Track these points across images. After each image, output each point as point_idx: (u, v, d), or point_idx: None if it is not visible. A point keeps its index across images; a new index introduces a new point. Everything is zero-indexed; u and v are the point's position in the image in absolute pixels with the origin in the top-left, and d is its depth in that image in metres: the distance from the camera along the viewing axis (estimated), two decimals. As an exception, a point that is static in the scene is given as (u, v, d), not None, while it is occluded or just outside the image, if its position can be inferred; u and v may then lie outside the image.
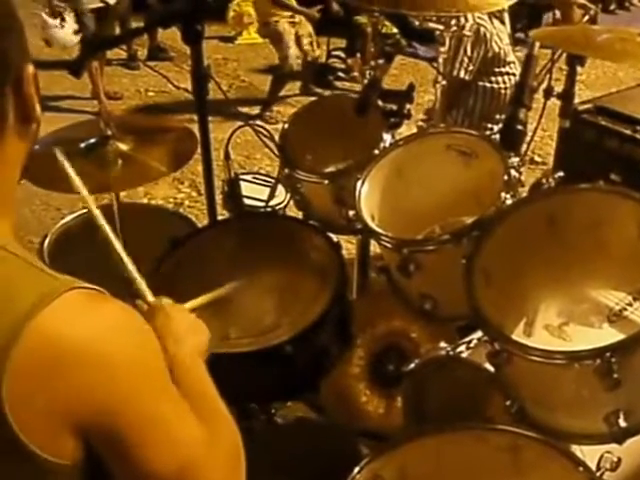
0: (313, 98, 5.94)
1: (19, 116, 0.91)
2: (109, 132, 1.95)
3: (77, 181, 1.35)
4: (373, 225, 1.80)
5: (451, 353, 1.79)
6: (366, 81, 2.20)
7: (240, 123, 2.57)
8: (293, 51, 5.88)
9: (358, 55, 6.91)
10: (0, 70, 0.88)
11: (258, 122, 4.12)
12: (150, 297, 1.23)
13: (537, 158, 4.76)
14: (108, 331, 0.85)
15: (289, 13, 5.91)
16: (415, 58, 6.29)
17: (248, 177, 2.96)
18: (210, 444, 0.92)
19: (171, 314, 1.15)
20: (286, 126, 2.28)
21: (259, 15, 6.16)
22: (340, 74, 7.08)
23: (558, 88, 2.18)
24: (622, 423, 1.37)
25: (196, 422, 0.92)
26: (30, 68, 0.91)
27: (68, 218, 2.61)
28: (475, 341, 1.78)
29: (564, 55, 2.15)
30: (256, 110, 5.93)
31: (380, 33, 6.77)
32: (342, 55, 7.26)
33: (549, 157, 4.70)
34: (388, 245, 1.77)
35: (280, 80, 6.05)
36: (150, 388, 0.88)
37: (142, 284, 1.26)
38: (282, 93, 6.18)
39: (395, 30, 6.91)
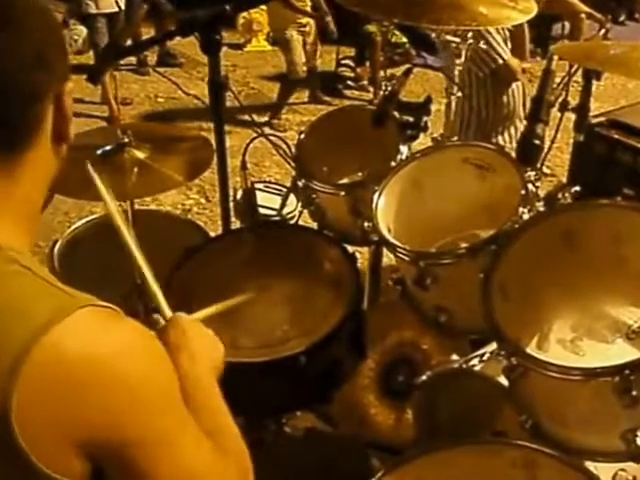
0: (321, 106, 5.99)
1: (55, 131, 0.91)
2: (126, 139, 1.94)
3: (105, 194, 1.34)
4: (390, 237, 1.79)
5: (464, 366, 1.78)
6: (380, 92, 2.19)
7: (248, 130, 2.55)
8: (300, 59, 5.89)
9: (367, 64, 6.93)
10: (44, 74, 0.87)
11: (271, 131, 4.11)
12: (168, 312, 1.22)
13: (546, 169, 4.75)
14: (122, 351, 0.83)
15: (299, 21, 5.92)
16: (424, 68, 6.28)
17: (260, 186, 2.95)
18: (220, 465, 0.92)
19: (187, 330, 1.13)
20: (302, 136, 2.27)
21: (271, 21, 6.15)
22: (349, 82, 7.10)
23: (571, 101, 2.18)
24: (640, 441, 1.37)
25: (208, 445, 0.92)
26: (70, 85, 0.91)
27: (78, 224, 2.61)
28: (488, 354, 1.77)
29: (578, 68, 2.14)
30: (265, 117, 5.95)
31: (389, 42, 6.79)
32: (351, 64, 7.28)
33: (558, 169, 4.69)
34: (405, 258, 1.76)
35: (288, 87, 6.06)
36: (162, 410, 0.87)
37: (161, 298, 1.24)
38: (290, 101, 6.19)
39: (404, 39, 6.93)
